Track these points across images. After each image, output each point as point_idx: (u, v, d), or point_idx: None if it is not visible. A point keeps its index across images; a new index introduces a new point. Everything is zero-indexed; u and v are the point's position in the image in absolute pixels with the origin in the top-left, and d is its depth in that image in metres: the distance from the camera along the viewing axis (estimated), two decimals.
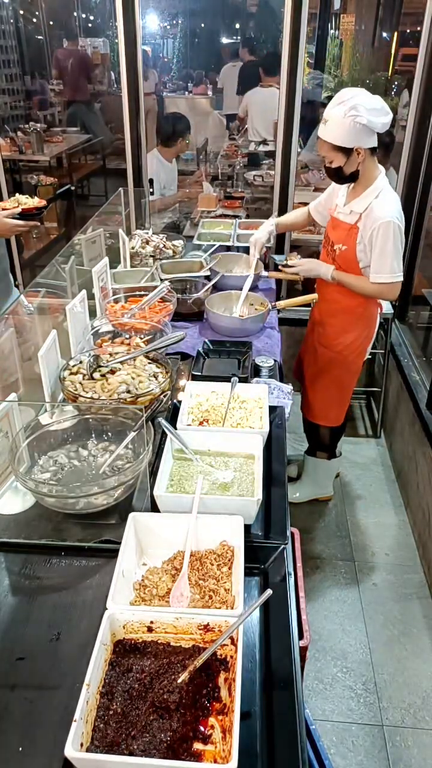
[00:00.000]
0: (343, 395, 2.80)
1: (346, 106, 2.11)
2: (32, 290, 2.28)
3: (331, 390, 2.76)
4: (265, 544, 1.33)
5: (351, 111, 2.11)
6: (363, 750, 2.04)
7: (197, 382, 1.79)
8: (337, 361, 2.66)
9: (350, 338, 2.59)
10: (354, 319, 2.56)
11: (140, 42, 3.20)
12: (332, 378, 2.72)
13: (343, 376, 2.73)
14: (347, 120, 2.12)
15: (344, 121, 2.13)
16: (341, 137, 2.17)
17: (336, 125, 2.15)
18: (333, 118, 2.15)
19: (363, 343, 2.64)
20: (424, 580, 2.69)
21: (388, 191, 2.31)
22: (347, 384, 2.77)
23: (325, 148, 2.23)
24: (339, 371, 2.70)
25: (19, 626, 1.15)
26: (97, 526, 1.35)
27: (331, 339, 2.63)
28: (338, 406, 2.82)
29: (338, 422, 2.87)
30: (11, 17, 6.65)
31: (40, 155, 5.46)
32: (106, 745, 0.89)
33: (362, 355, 2.68)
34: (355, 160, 2.23)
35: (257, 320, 2.37)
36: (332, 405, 2.81)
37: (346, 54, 6.32)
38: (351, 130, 2.14)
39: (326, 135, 2.20)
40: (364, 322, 2.59)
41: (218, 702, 0.96)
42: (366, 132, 2.16)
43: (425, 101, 3.11)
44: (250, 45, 6.41)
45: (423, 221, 3.41)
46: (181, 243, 2.94)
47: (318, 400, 2.81)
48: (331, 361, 2.67)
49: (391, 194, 2.31)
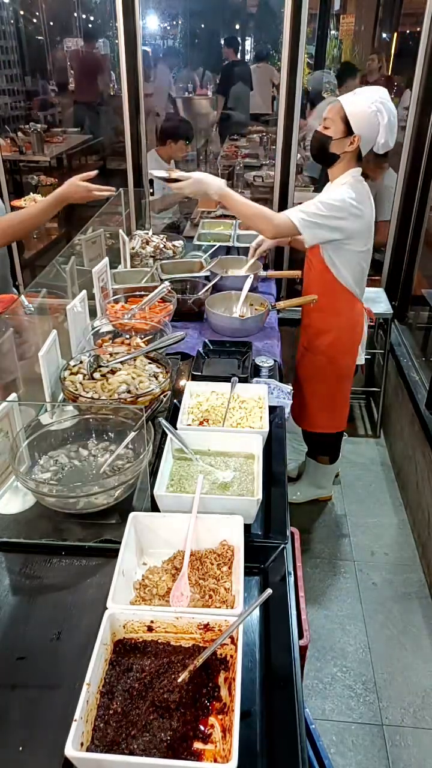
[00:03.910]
0: (337, 400, 2.70)
1: (381, 100, 2.13)
2: (32, 290, 2.28)
3: (321, 397, 2.67)
4: (265, 544, 1.33)
5: (381, 106, 2.13)
6: (363, 749, 2.04)
7: (197, 382, 1.79)
8: (323, 364, 2.59)
9: (330, 338, 2.53)
10: (332, 316, 2.50)
11: (140, 42, 3.20)
12: (320, 383, 2.64)
13: (332, 381, 2.63)
14: (372, 107, 2.13)
15: (369, 106, 2.13)
16: (357, 114, 2.16)
17: (362, 103, 2.15)
18: (362, 95, 2.16)
19: (346, 342, 2.55)
20: (423, 580, 2.69)
21: (357, 182, 2.28)
22: (338, 388, 2.66)
23: (334, 112, 2.20)
24: (326, 375, 2.61)
25: (19, 626, 1.15)
26: (98, 525, 1.35)
27: (313, 340, 2.58)
28: (331, 411, 2.72)
29: (338, 428, 2.78)
30: (11, 17, 6.65)
31: (41, 155, 5.46)
32: (107, 744, 0.90)
33: (350, 355, 2.58)
34: (345, 144, 2.21)
35: (257, 320, 2.37)
36: (323, 411, 2.72)
37: (345, 54, 6.32)
38: (367, 117, 2.15)
39: (347, 102, 2.17)
40: (344, 320, 2.51)
41: (218, 701, 0.96)
42: (373, 133, 2.18)
43: (425, 101, 3.11)
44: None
45: (423, 221, 3.41)
46: (181, 243, 2.94)
47: (308, 406, 2.72)
48: (318, 365, 2.61)
49: (360, 185, 2.28)
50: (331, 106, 2.22)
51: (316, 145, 2.30)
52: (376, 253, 4.01)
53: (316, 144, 2.28)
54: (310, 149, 2.37)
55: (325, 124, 2.24)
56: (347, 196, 2.20)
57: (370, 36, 6.21)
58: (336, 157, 2.26)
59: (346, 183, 2.27)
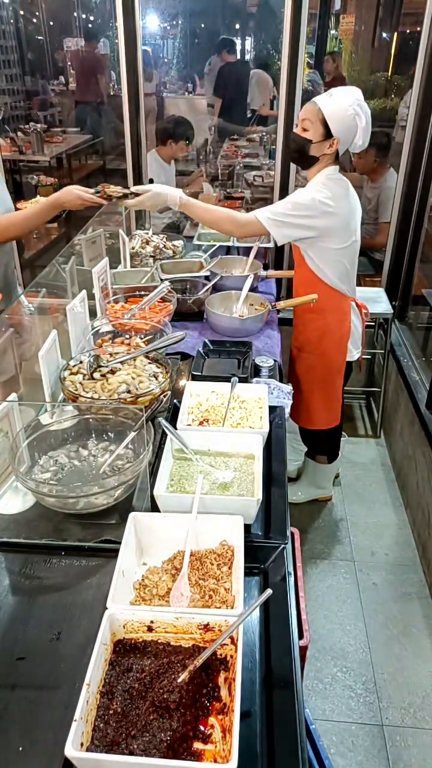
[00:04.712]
0: (330, 396, 2.70)
1: (358, 102, 2.14)
2: (32, 290, 2.28)
3: (315, 394, 2.67)
4: (265, 544, 1.33)
5: (358, 109, 2.13)
6: (363, 750, 2.04)
7: (197, 382, 1.79)
8: (313, 363, 2.59)
9: (318, 335, 2.52)
10: (318, 314, 2.49)
11: (140, 42, 3.21)
12: (313, 381, 2.64)
13: (324, 378, 2.63)
14: (350, 110, 2.14)
15: (347, 109, 2.14)
16: (336, 117, 2.16)
17: (338, 105, 2.15)
18: (339, 97, 2.16)
19: (334, 338, 2.54)
20: (423, 580, 2.69)
21: (325, 183, 2.26)
22: (330, 383, 2.66)
23: (312, 114, 2.18)
24: (318, 372, 2.61)
25: (19, 626, 1.15)
26: (97, 526, 1.35)
27: (302, 338, 2.58)
28: (326, 407, 2.72)
29: (332, 424, 2.78)
30: (11, 17, 6.65)
31: (41, 155, 5.47)
32: (106, 744, 0.89)
33: (340, 351, 2.58)
34: (325, 147, 2.22)
35: (257, 320, 2.37)
36: (319, 409, 2.72)
37: (346, 54, 6.32)
38: (346, 120, 2.15)
39: (324, 105, 2.16)
40: (330, 316, 2.50)
41: (218, 701, 0.96)
42: (350, 135, 2.19)
43: (425, 101, 3.11)
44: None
45: (423, 221, 3.41)
46: (181, 243, 2.94)
47: (304, 403, 2.72)
48: (308, 364, 2.61)
49: (332, 182, 2.26)
50: (309, 107, 2.21)
51: (294, 148, 2.28)
52: (376, 252, 4.04)
53: (295, 147, 2.27)
54: (288, 151, 2.36)
55: (303, 126, 2.22)
56: (317, 196, 2.20)
57: (370, 36, 6.22)
58: (315, 159, 2.26)
59: (319, 182, 2.27)
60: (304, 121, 2.21)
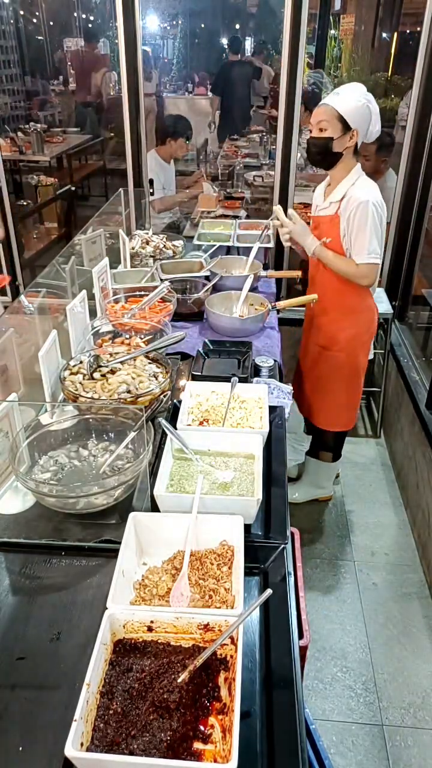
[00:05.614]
0: (353, 397, 2.74)
1: (362, 93, 2.24)
2: (32, 290, 2.28)
3: (340, 394, 2.69)
4: (265, 544, 1.33)
5: (366, 99, 2.23)
6: (363, 749, 2.04)
7: (197, 382, 1.79)
8: (340, 362, 2.61)
9: (348, 335, 2.55)
10: (348, 314, 2.52)
11: (140, 42, 3.20)
12: (339, 380, 2.65)
13: (350, 377, 2.66)
14: (361, 101, 2.23)
15: (358, 101, 2.23)
16: (350, 111, 2.23)
17: (349, 99, 2.23)
18: (347, 93, 2.24)
19: (363, 337, 2.59)
20: (423, 580, 2.69)
21: (365, 179, 2.35)
22: (355, 384, 2.70)
23: (327, 114, 2.24)
24: (345, 372, 2.63)
25: (19, 626, 1.15)
26: (97, 526, 1.35)
27: (329, 338, 2.59)
28: (348, 409, 2.76)
29: (350, 425, 2.81)
30: (11, 17, 6.65)
31: (41, 155, 5.47)
32: (106, 744, 0.89)
33: (365, 351, 2.63)
34: (346, 140, 2.28)
35: (257, 320, 2.37)
36: (342, 409, 2.74)
37: (345, 54, 6.32)
38: (360, 110, 2.23)
39: (336, 103, 2.23)
40: (360, 316, 2.54)
41: (218, 701, 0.96)
42: (366, 123, 2.27)
43: (425, 101, 3.11)
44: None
45: (423, 221, 3.41)
46: (181, 243, 2.94)
47: (326, 406, 2.74)
48: (334, 363, 2.62)
49: (368, 181, 2.35)
50: (321, 109, 2.26)
51: (316, 150, 2.32)
52: None
53: (316, 149, 2.31)
54: (309, 156, 2.40)
55: (320, 127, 2.27)
56: (372, 200, 2.26)
57: (370, 36, 6.21)
58: (339, 155, 2.31)
59: (358, 180, 2.34)
60: (321, 123, 2.27)
